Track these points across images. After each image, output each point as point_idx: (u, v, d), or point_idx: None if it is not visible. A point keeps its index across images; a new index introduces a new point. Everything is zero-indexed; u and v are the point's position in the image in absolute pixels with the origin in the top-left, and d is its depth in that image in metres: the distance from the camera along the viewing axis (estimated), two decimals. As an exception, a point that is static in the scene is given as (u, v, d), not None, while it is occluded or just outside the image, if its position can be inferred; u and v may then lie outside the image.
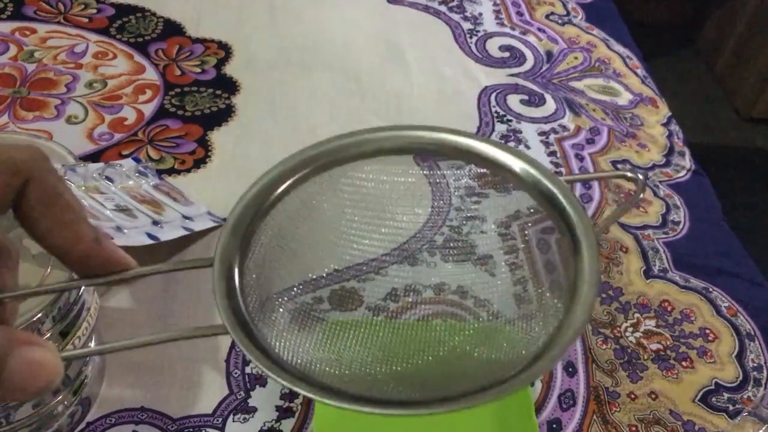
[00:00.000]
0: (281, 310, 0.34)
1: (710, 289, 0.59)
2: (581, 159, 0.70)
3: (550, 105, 0.76)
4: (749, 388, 0.53)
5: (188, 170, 0.63)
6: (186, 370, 0.49)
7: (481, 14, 0.89)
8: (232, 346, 0.51)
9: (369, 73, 0.77)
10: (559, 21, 0.90)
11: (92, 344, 0.45)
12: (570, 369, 0.52)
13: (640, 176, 0.37)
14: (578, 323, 0.28)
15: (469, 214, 0.41)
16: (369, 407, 0.26)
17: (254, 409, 0.48)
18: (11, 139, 0.51)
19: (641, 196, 0.37)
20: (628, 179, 0.37)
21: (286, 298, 0.35)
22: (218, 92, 0.72)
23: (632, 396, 0.51)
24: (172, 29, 0.79)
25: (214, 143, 0.66)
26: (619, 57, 0.85)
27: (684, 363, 0.54)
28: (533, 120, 0.74)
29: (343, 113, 0.72)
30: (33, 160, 0.26)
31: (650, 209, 0.66)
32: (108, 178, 0.52)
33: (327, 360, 0.33)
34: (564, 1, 0.93)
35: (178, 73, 0.73)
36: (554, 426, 0.49)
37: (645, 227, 0.64)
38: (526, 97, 0.77)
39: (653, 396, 0.51)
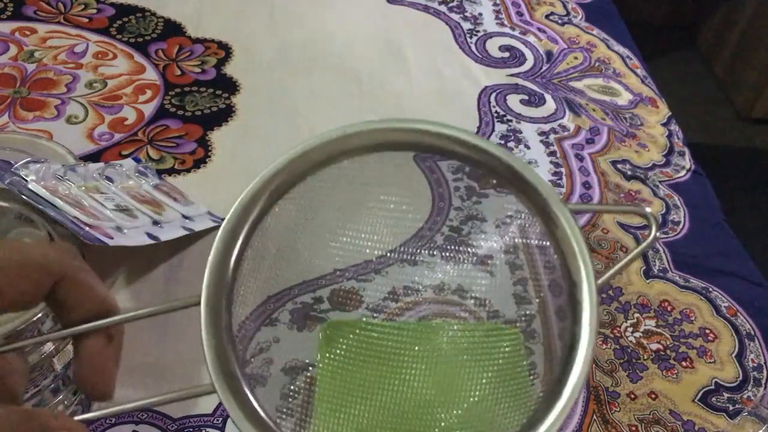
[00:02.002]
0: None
1: (710, 289, 0.59)
2: (581, 159, 0.70)
3: (550, 105, 0.76)
4: (749, 388, 0.53)
5: (188, 170, 0.63)
6: (186, 370, 0.49)
7: (481, 14, 0.89)
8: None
9: (369, 73, 0.77)
10: (559, 21, 0.90)
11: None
12: (570, 369, 0.52)
13: (652, 215, 0.33)
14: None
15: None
16: None
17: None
18: (11, 140, 0.51)
19: (656, 234, 0.33)
20: (638, 214, 0.34)
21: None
22: (218, 92, 0.72)
23: (632, 396, 0.51)
24: (172, 29, 0.79)
25: (214, 143, 0.66)
26: (619, 57, 0.85)
27: (684, 363, 0.54)
28: (533, 120, 0.74)
29: (343, 113, 0.72)
30: (64, 259, 0.27)
31: (650, 209, 0.66)
32: (108, 178, 0.52)
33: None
34: (564, 1, 0.93)
35: (178, 73, 0.73)
36: (554, 426, 0.49)
37: (645, 227, 0.64)
38: (526, 97, 0.77)
39: (653, 396, 0.52)
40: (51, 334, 0.28)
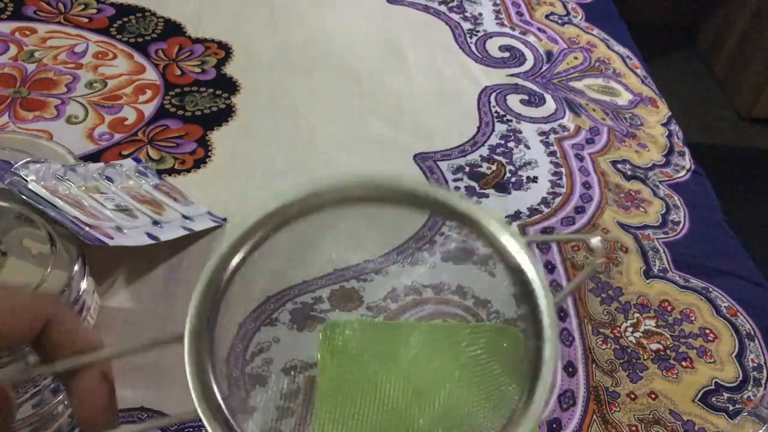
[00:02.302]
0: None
1: (710, 289, 0.59)
2: (581, 159, 0.70)
3: (550, 105, 0.76)
4: (749, 388, 0.53)
5: (188, 170, 0.63)
6: (186, 372, 0.49)
7: (481, 14, 0.89)
8: (232, 346, 0.51)
9: (369, 73, 0.77)
10: (559, 21, 0.90)
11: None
12: (570, 369, 0.52)
13: (600, 243, 0.34)
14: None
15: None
16: None
17: (254, 409, 0.48)
18: (11, 140, 0.51)
19: (602, 260, 0.33)
20: (585, 243, 0.34)
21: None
22: (218, 92, 0.72)
23: (632, 396, 0.51)
24: (173, 29, 0.79)
25: (214, 143, 0.66)
26: (619, 57, 0.85)
27: (684, 363, 0.54)
28: (533, 120, 0.74)
29: (343, 113, 0.72)
30: (51, 303, 0.29)
31: (650, 209, 0.66)
32: (108, 178, 0.52)
33: None
34: (564, 1, 0.93)
35: (178, 73, 0.73)
36: (554, 426, 0.49)
37: (645, 227, 0.64)
38: (526, 97, 0.77)
39: (653, 396, 0.52)
40: (41, 367, 0.29)
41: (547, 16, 0.90)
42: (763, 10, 1.84)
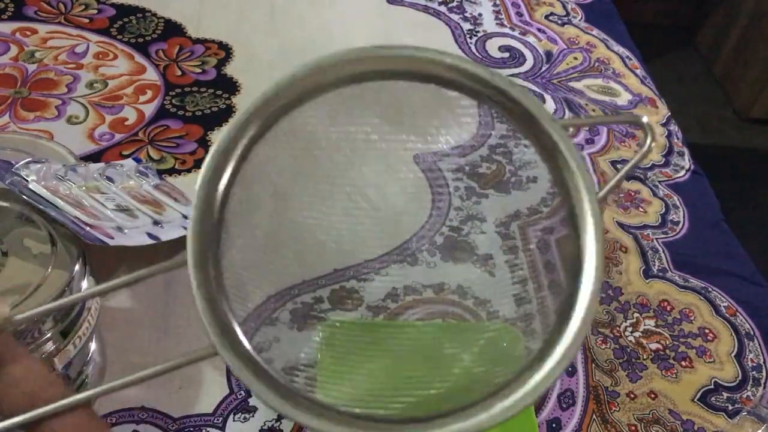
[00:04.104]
0: (276, 313, 0.32)
1: (709, 289, 0.60)
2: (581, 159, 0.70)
3: (550, 105, 0.76)
4: (748, 388, 0.53)
5: (189, 170, 0.63)
6: (186, 370, 0.50)
7: (480, 15, 0.89)
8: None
9: (369, 73, 0.77)
10: (559, 21, 0.90)
11: (93, 345, 0.45)
12: (569, 368, 0.52)
13: (647, 124, 0.33)
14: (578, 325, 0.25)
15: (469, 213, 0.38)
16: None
17: (255, 409, 0.48)
18: (12, 140, 0.51)
19: (651, 144, 0.32)
20: (634, 124, 0.32)
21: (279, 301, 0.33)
22: (218, 92, 0.72)
23: (631, 395, 0.51)
24: (173, 30, 0.79)
25: (214, 143, 0.66)
26: (618, 57, 0.85)
27: (683, 362, 0.54)
28: (533, 120, 0.74)
29: (343, 113, 0.72)
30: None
31: (649, 209, 0.66)
32: (108, 178, 0.52)
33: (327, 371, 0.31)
34: (564, 2, 0.93)
35: (179, 73, 0.73)
36: (554, 425, 0.49)
37: (644, 227, 0.64)
38: (525, 98, 0.77)
39: (652, 395, 0.52)
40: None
41: (546, 17, 0.90)
42: (763, 10, 1.84)
